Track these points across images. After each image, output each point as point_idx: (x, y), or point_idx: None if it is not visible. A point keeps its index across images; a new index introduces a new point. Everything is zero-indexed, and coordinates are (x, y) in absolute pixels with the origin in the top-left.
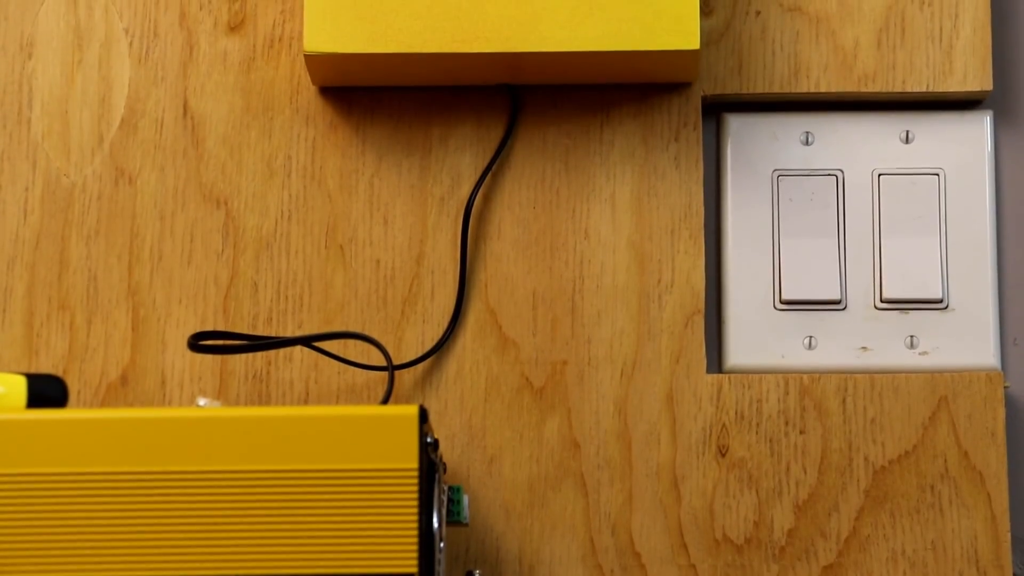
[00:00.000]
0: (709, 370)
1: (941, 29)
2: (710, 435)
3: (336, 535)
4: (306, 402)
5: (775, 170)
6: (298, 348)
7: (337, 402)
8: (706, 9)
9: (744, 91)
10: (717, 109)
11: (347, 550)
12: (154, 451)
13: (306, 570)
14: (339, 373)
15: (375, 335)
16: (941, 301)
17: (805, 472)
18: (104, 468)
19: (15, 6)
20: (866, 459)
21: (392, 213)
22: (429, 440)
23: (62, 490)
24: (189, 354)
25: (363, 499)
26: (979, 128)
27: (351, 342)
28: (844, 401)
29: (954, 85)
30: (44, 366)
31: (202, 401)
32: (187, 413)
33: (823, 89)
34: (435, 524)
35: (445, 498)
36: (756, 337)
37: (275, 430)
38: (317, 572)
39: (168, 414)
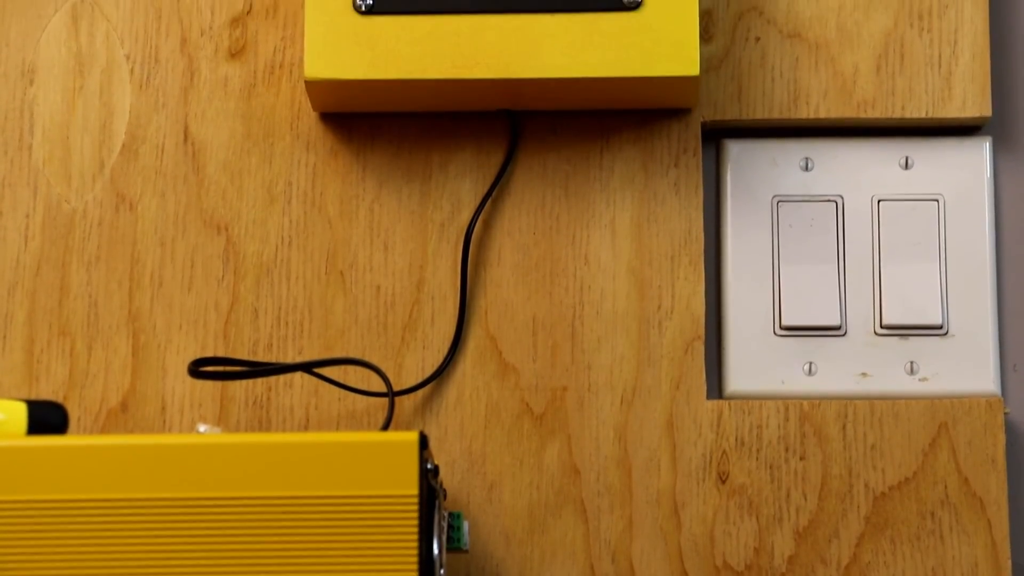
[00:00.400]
0: (709, 396)
1: (940, 55)
2: (710, 461)
3: (336, 562)
4: (306, 428)
5: (775, 196)
6: (298, 374)
7: (337, 428)
8: (706, 35)
9: (744, 117)
10: (717, 135)
11: (350, 573)
12: (154, 478)
13: None
14: (339, 399)
15: (375, 361)
16: (941, 327)
17: (805, 498)
18: (104, 495)
19: (16, 33)
20: (866, 485)
21: (392, 239)
22: (429, 466)
23: (62, 517)
24: (189, 380)
25: (363, 526)
26: (978, 154)
27: (351, 368)
28: (844, 427)
29: (953, 111)
30: (44, 392)
31: (202, 427)
32: (187, 440)
33: (822, 115)
34: (435, 550)
35: (445, 524)
36: (756, 363)
37: (275, 456)
38: None
39: (168, 440)
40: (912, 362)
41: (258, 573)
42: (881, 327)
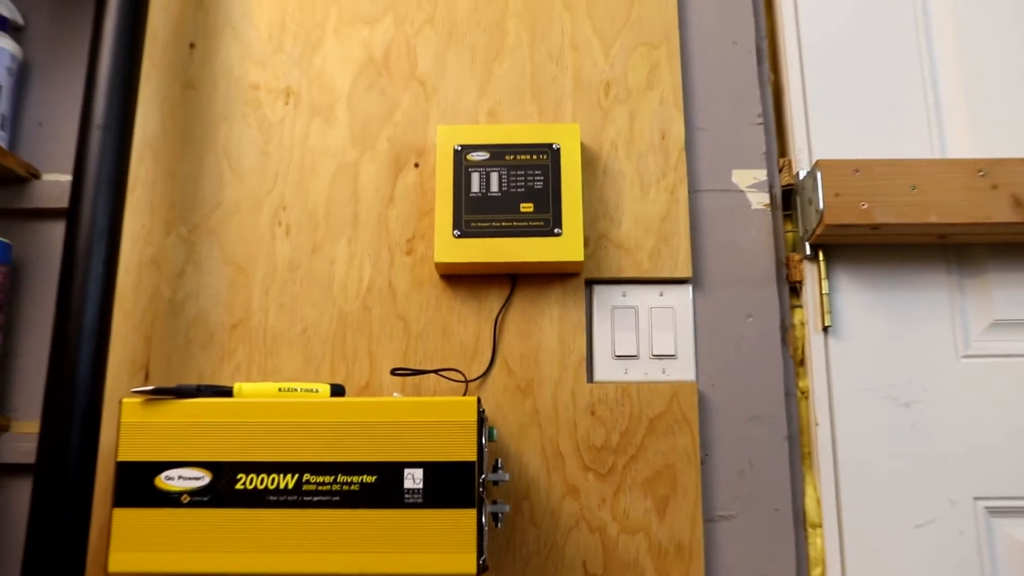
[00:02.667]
0: (588, 382)
1: (673, 253)
2: (588, 406)
3: (445, 447)
4: (435, 395)
5: (612, 306)
6: (433, 375)
7: (447, 395)
8: (586, 246)
9: (600, 276)
10: (591, 283)
11: (450, 451)
12: (375, 414)
13: (427, 457)
14: (448, 383)
15: (461, 369)
16: (674, 355)
17: (624, 420)
18: (357, 419)
19: (329, 245)
20: (647, 416)
21: (467, 322)
22: (481, 409)
23: (338, 430)
24: (391, 377)
25: (455, 433)
26: (687, 291)
27: (453, 372)
28: (639, 394)
29: (679, 273)
30: (337, 379)
31: (396, 394)
32: (388, 400)
33: (630, 275)
34: (483, 441)
35: (486, 430)
36: (605, 369)
37: (422, 406)
38: (434, 459)
39: (381, 399)
40: (663, 368)
41: (406, 448)
42: (652, 355)
